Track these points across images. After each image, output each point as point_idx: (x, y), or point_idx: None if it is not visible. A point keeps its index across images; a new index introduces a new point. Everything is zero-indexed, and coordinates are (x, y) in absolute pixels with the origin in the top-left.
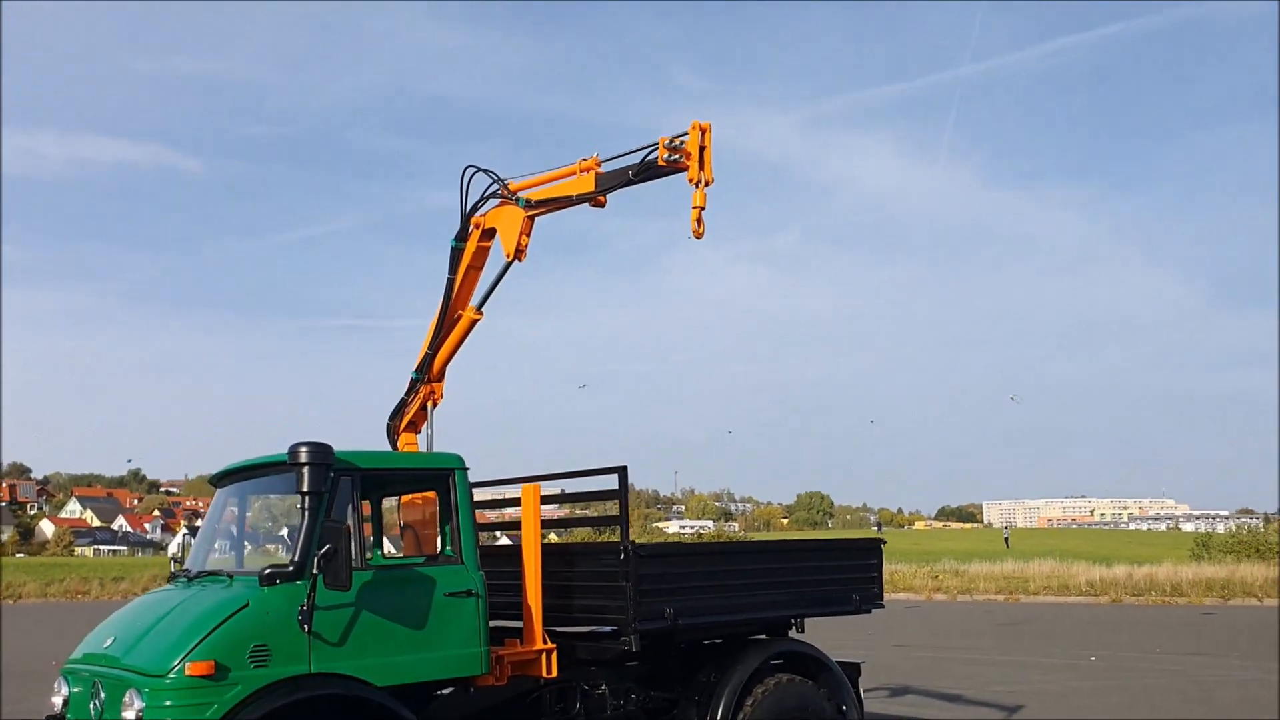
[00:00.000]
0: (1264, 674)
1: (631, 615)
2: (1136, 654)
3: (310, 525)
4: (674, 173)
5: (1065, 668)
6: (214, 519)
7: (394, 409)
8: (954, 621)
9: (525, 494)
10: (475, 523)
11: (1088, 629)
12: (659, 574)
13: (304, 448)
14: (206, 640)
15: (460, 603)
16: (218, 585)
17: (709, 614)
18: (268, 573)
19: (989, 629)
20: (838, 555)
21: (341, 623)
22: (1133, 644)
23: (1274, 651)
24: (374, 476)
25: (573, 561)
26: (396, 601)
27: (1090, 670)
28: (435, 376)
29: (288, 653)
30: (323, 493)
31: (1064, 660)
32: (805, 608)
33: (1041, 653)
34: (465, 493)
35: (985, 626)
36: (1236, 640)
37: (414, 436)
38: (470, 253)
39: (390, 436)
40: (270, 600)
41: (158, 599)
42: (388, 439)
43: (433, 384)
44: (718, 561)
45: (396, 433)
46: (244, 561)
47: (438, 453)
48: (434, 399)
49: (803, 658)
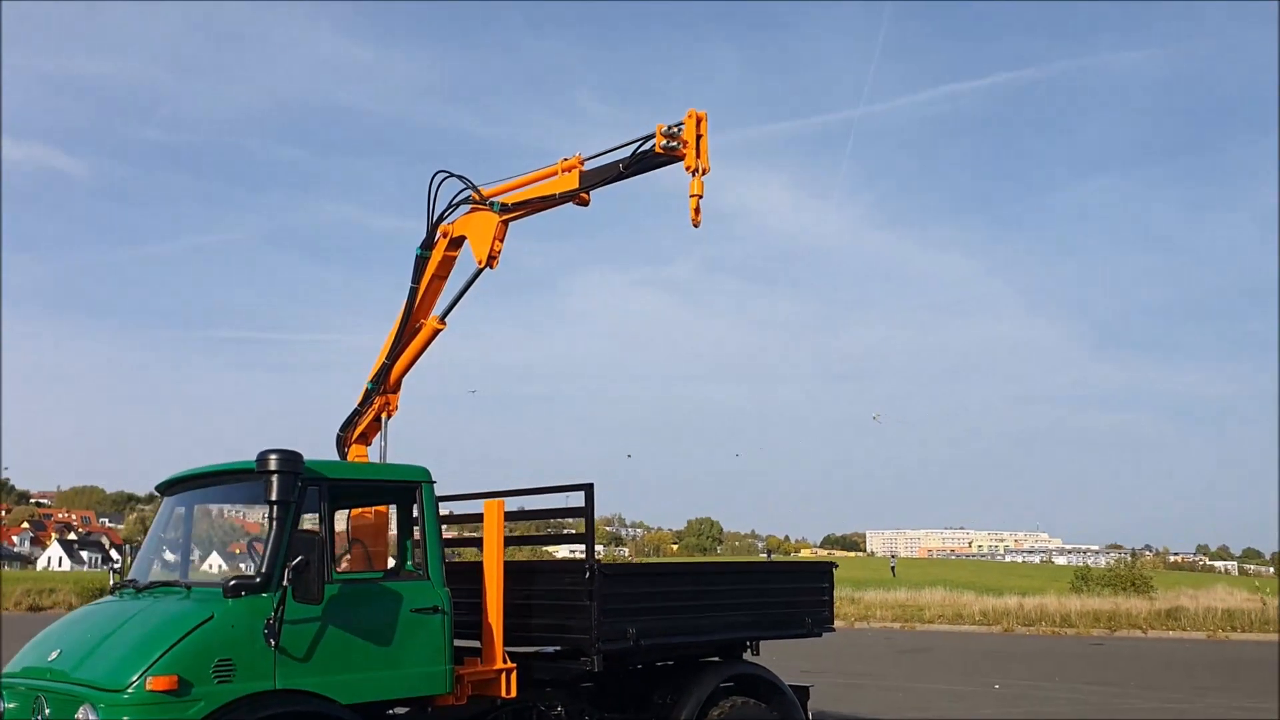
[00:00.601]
0: (1166, 702)
1: (595, 635)
2: (1037, 682)
3: (278, 536)
4: (668, 163)
5: (975, 695)
6: (161, 528)
7: (345, 420)
8: (857, 648)
9: (488, 510)
10: (442, 537)
11: (985, 657)
12: (622, 593)
13: (274, 455)
14: (169, 653)
15: (426, 619)
16: (174, 597)
17: (669, 635)
18: (233, 584)
19: (891, 656)
20: (792, 578)
21: (307, 637)
22: (1031, 673)
23: (1173, 682)
24: (341, 487)
25: (531, 579)
26: (363, 617)
27: (1000, 697)
28: (391, 387)
29: (252, 668)
30: (291, 502)
31: (970, 688)
32: (762, 630)
33: (947, 680)
34: (432, 506)
35: (887, 653)
36: (1129, 670)
37: (364, 449)
38: (436, 261)
39: (340, 448)
40: (235, 613)
41: (105, 610)
42: (337, 451)
43: (388, 395)
44: (679, 582)
45: (347, 444)
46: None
47: (405, 465)
48: (389, 410)
49: (756, 680)
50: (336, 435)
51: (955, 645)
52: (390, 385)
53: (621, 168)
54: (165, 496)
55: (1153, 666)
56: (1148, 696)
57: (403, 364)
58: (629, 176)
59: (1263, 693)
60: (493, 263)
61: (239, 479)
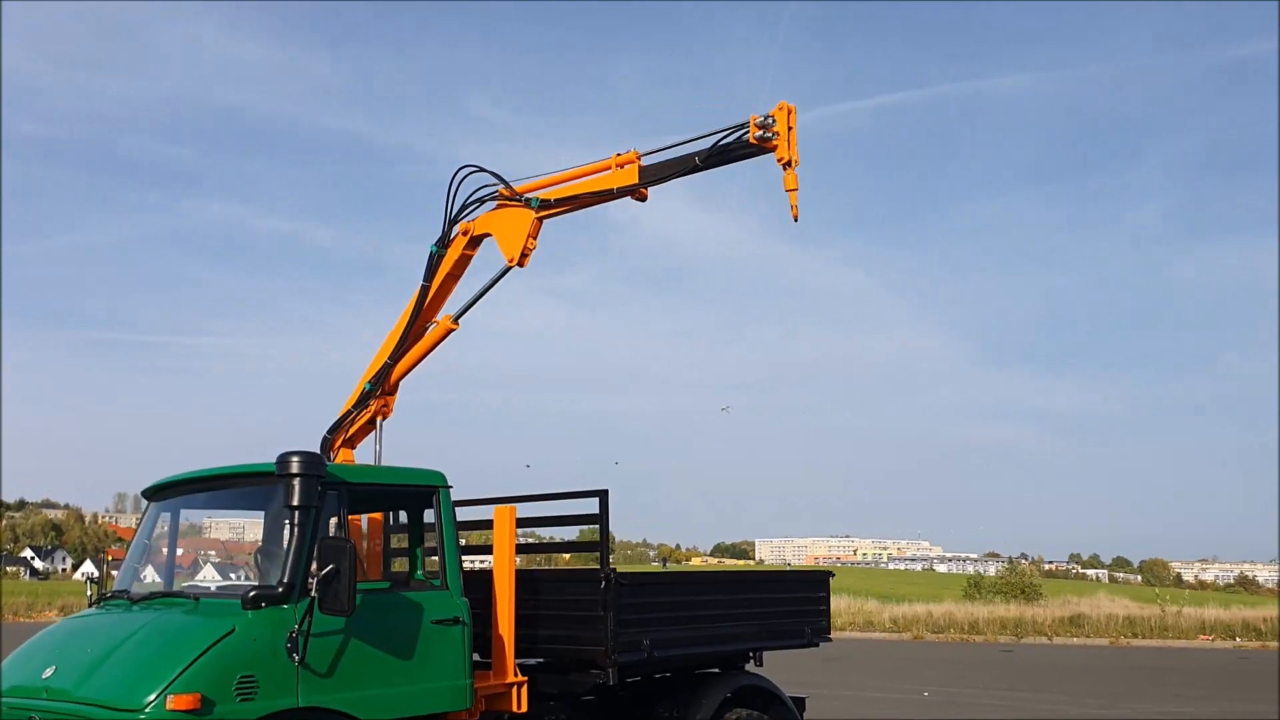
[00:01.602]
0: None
1: (611, 646)
2: (961, 689)
3: (300, 543)
4: (757, 154)
5: (909, 702)
6: (148, 535)
7: (335, 422)
8: (775, 656)
9: (499, 516)
10: (459, 545)
11: (903, 664)
12: (637, 603)
13: (295, 458)
14: (190, 670)
15: (447, 631)
16: (179, 609)
17: (681, 646)
18: (253, 595)
19: (812, 663)
20: (794, 587)
21: (329, 651)
22: (952, 679)
23: (1091, 687)
24: (360, 491)
25: (537, 589)
26: (385, 629)
27: (931, 705)
28: (389, 389)
29: (275, 684)
30: (314, 507)
31: (900, 695)
32: (766, 640)
33: (875, 688)
34: (450, 512)
35: (806, 661)
36: (1046, 677)
37: (351, 453)
38: (453, 260)
39: (325, 452)
40: (256, 626)
41: (98, 623)
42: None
43: (385, 397)
44: (691, 591)
45: (334, 448)
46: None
47: (421, 469)
48: (385, 413)
49: (757, 692)
50: (323, 438)
51: (870, 652)
52: (388, 387)
53: (698, 160)
54: (152, 502)
55: (1069, 672)
56: (1073, 702)
57: (406, 364)
58: (706, 169)
59: (1182, 698)
60: (524, 261)
61: (234, 483)
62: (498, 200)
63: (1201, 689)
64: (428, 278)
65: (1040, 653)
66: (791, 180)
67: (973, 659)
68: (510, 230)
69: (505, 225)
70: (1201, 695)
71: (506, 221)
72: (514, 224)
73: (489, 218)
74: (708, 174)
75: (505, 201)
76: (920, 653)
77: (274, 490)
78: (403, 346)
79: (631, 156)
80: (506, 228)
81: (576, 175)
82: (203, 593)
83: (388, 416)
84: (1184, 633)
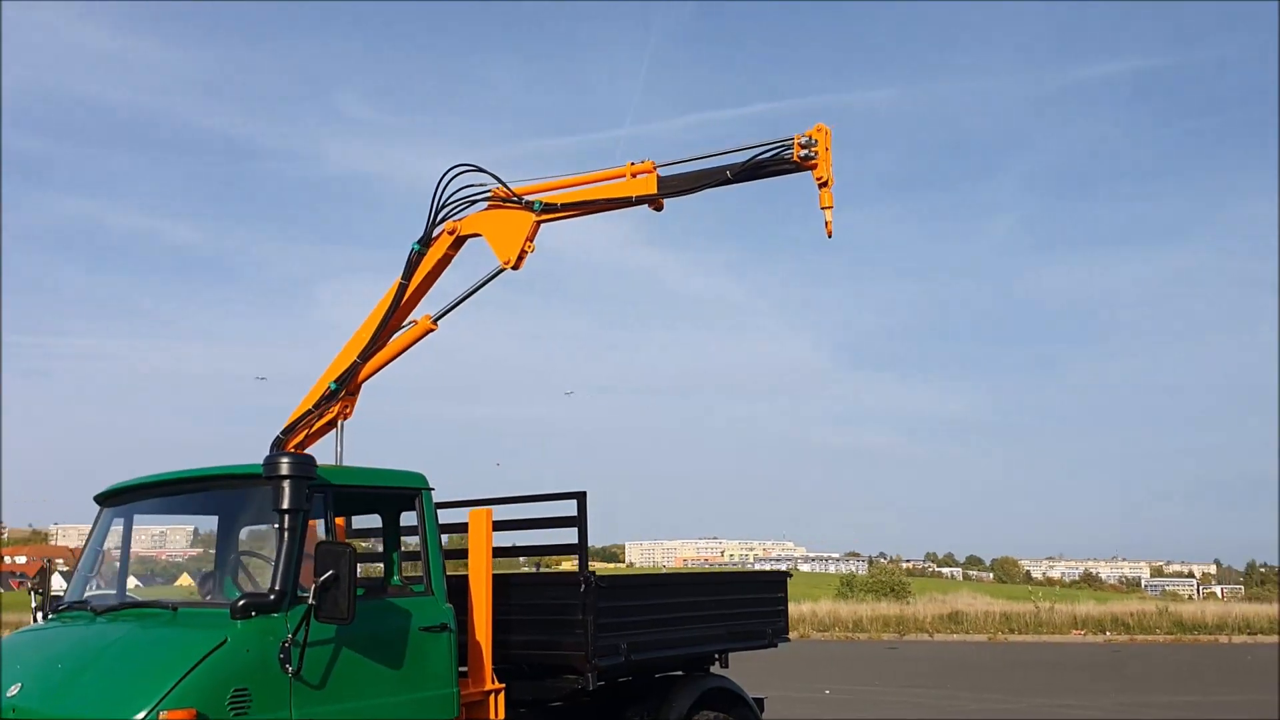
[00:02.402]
0: (996, 702)
1: (591, 651)
2: (858, 686)
3: (290, 548)
4: (794, 171)
5: (811, 700)
6: (101, 543)
7: (290, 424)
8: None
9: (474, 519)
10: (443, 549)
11: (795, 663)
12: (615, 607)
13: (284, 460)
14: (183, 683)
15: (435, 638)
16: (155, 619)
17: (655, 649)
18: (243, 604)
19: None
20: (757, 588)
21: (321, 661)
22: (847, 676)
23: (985, 682)
24: (345, 494)
25: (509, 594)
26: (374, 637)
27: (837, 704)
28: (353, 389)
29: (268, 697)
30: (304, 510)
31: (803, 694)
32: (732, 642)
33: (774, 687)
34: (433, 515)
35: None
36: (941, 672)
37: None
38: (434, 259)
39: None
40: (248, 636)
41: (61, 636)
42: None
43: (349, 398)
44: (665, 593)
45: (283, 449)
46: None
47: (404, 471)
48: (346, 414)
49: (724, 694)
50: (276, 438)
51: (759, 652)
52: (353, 387)
53: (729, 174)
54: (105, 508)
55: (959, 668)
56: (973, 698)
57: (377, 364)
58: (736, 183)
59: (1077, 690)
60: (519, 264)
61: (207, 487)
62: (489, 201)
63: (1088, 682)
64: (406, 275)
65: (925, 649)
66: (827, 199)
67: (862, 656)
68: (505, 232)
69: (499, 226)
70: (1088, 689)
71: (500, 223)
72: (510, 226)
73: (480, 218)
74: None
75: (500, 203)
76: (809, 651)
77: (253, 494)
78: (374, 345)
79: (648, 166)
80: (500, 229)
81: (585, 181)
82: (181, 602)
83: (348, 418)
84: (1058, 628)
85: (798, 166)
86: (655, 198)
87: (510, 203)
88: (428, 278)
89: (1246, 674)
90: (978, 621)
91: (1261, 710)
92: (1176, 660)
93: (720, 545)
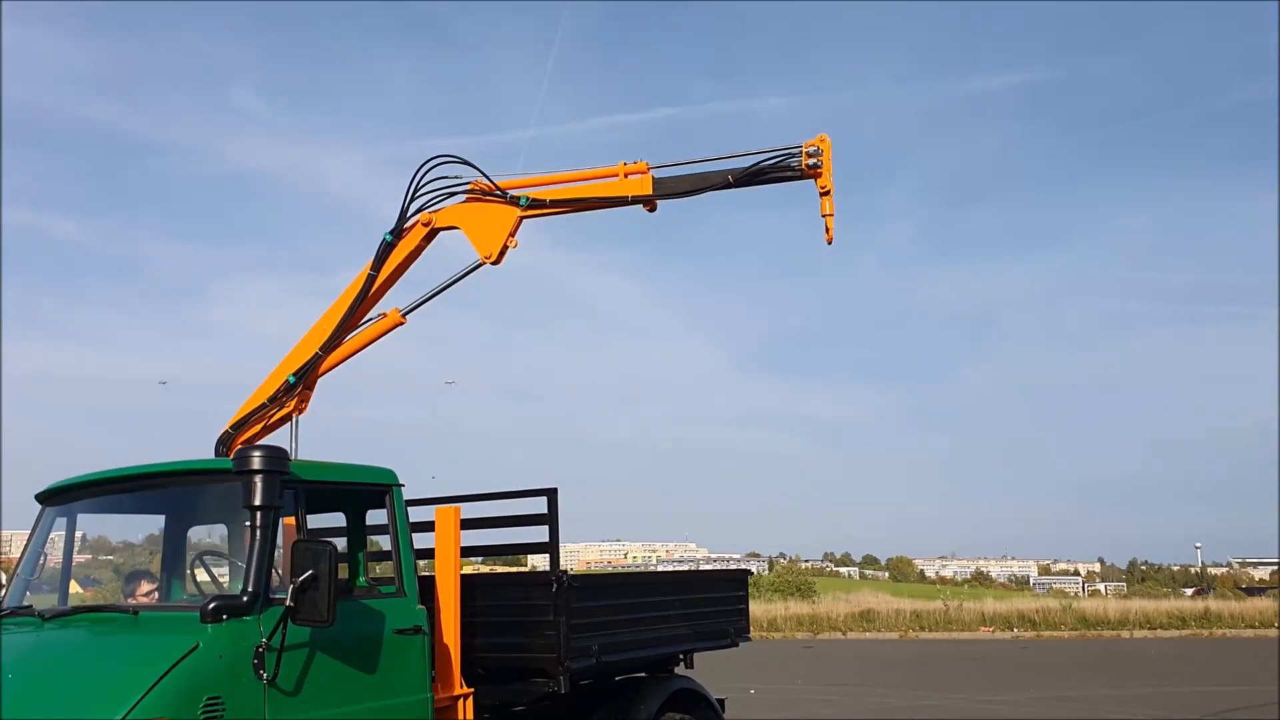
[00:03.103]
0: (918, 699)
1: (563, 653)
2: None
3: (263, 547)
4: (791, 180)
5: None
6: (41, 545)
7: (241, 418)
8: None
9: (442, 517)
10: (414, 548)
11: (714, 662)
12: (585, 607)
13: (256, 453)
14: (153, 691)
15: (409, 641)
16: (113, 624)
17: (625, 650)
18: (213, 607)
19: None
20: (720, 586)
21: (295, 666)
22: (767, 675)
23: (906, 679)
24: (316, 490)
25: (474, 594)
26: (348, 641)
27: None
28: (309, 384)
29: (242, 705)
30: (277, 507)
31: (726, 693)
32: (697, 642)
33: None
34: (404, 513)
35: None
36: (861, 670)
37: None
38: (406, 251)
39: (221, 450)
40: (219, 641)
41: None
42: (215, 453)
43: (305, 391)
44: (635, 593)
45: (232, 446)
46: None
47: (374, 467)
48: (301, 409)
49: (690, 695)
50: (223, 434)
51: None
52: (310, 381)
53: (730, 178)
54: (47, 508)
55: (879, 664)
56: (896, 693)
57: (340, 356)
58: (736, 188)
59: (996, 686)
60: (500, 259)
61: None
62: (469, 194)
63: (1005, 677)
64: (376, 266)
65: (841, 647)
66: (829, 206)
67: (779, 655)
68: (485, 226)
69: (479, 220)
70: (1008, 685)
71: (481, 216)
72: (491, 220)
73: (458, 210)
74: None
75: (480, 196)
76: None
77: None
78: (338, 337)
79: (641, 167)
80: (481, 223)
81: (574, 179)
82: (141, 606)
83: (303, 412)
84: (966, 625)
85: (801, 175)
86: (650, 199)
87: (493, 196)
88: (396, 270)
89: (1153, 667)
90: (889, 620)
91: (1163, 701)
92: (1085, 655)
93: (624, 548)
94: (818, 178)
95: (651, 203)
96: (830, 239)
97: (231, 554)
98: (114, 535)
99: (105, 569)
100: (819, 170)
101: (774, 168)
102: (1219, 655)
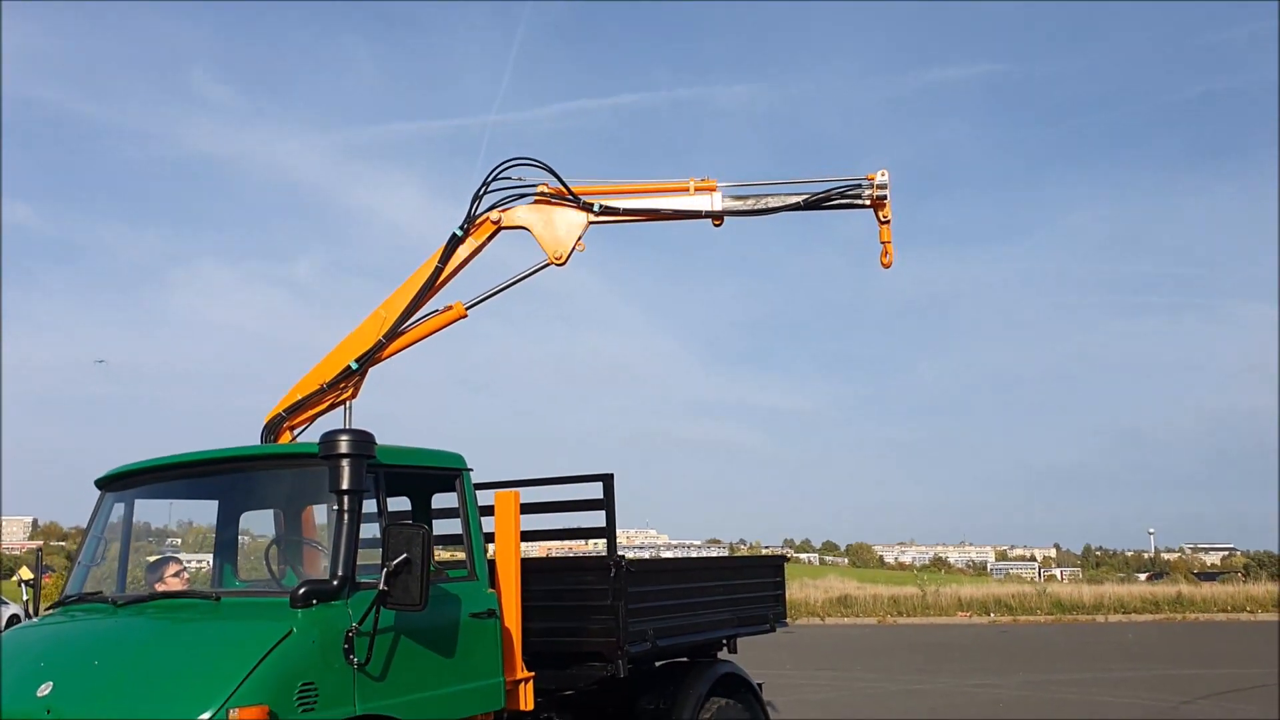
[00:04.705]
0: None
1: (621, 638)
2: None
3: (351, 530)
4: (856, 208)
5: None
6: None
7: (296, 402)
8: None
9: (501, 501)
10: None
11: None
12: (642, 592)
13: (344, 437)
14: (251, 678)
15: (483, 625)
16: (195, 610)
17: (677, 635)
18: (304, 592)
19: None
20: (760, 572)
21: (382, 652)
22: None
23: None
24: (394, 474)
25: (531, 579)
26: (428, 625)
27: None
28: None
29: (333, 691)
30: (364, 491)
31: None
32: (740, 627)
33: None
34: (473, 497)
35: None
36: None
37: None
38: (473, 247)
39: (268, 436)
40: (311, 626)
41: (84, 631)
42: (262, 438)
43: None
44: (686, 578)
45: (279, 432)
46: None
47: (444, 451)
48: (353, 394)
49: (734, 680)
50: (276, 417)
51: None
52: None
53: (802, 203)
54: (107, 493)
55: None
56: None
57: (400, 345)
58: (805, 211)
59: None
60: (565, 261)
61: (242, 468)
62: (539, 196)
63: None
64: (444, 259)
65: (819, 632)
66: (887, 234)
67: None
68: (555, 229)
69: (549, 223)
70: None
71: (552, 219)
72: (561, 223)
73: (528, 211)
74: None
75: (551, 199)
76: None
77: (296, 475)
78: (399, 326)
79: (710, 185)
80: (551, 225)
81: (644, 190)
82: (225, 591)
83: (355, 398)
84: (944, 610)
85: (866, 205)
86: (721, 214)
87: (565, 200)
88: (460, 265)
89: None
90: (867, 605)
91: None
92: (1064, 639)
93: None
94: (880, 208)
95: (720, 218)
96: (889, 263)
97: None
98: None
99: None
100: (884, 201)
101: (841, 194)
102: (1196, 638)
